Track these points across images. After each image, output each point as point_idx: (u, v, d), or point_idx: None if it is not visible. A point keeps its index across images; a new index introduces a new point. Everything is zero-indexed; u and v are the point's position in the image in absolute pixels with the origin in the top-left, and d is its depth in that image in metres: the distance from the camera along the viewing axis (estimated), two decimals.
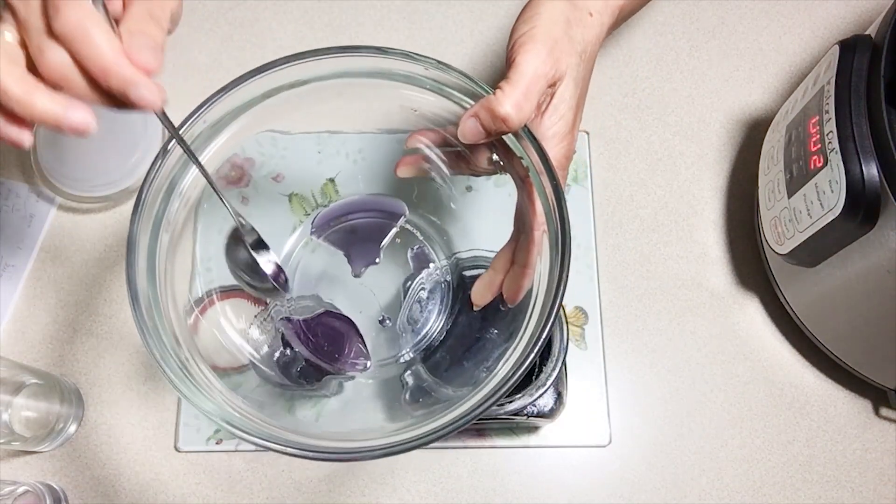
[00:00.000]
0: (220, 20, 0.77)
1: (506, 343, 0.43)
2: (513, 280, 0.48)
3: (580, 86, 0.46)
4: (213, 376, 0.45)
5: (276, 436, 0.40)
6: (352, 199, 0.57)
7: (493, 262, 0.49)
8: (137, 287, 0.42)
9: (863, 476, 0.64)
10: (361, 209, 0.56)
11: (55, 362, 0.67)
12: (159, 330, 0.43)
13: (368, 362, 0.53)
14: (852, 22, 0.78)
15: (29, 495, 0.60)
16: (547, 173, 0.42)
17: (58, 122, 0.36)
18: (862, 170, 0.48)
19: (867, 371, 0.62)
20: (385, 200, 0.55)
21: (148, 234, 0.45)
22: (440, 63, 0.44)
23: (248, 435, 0.40)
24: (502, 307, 0.47)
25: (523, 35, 0.43)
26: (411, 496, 0.63)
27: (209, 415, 0.41)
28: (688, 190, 0.72)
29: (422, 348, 0.53)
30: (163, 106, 0.37)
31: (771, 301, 0.68)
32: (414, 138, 0.50)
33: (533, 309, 0.43)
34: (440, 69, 0.44)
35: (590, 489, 0.63)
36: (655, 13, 0.79)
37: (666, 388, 0.66)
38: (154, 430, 0.65)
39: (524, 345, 0.41)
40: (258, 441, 0.40)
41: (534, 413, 0.56)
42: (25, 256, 0.70)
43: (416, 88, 0.46)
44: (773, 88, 0.76)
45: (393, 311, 0.55)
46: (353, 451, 0.39)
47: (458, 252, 0.55)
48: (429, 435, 0.39)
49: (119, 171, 0.69)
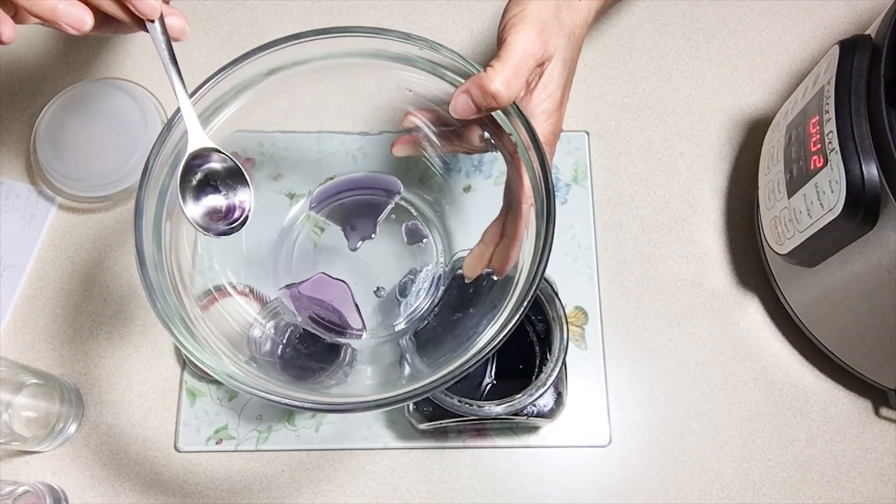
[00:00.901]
0: (220, 20, 0.77)
1: (492, 312, 0.45)
2: (502, 251, 0.49)
3: (568, 66, 0.47)
4: (215, 338, 0.46)
5: (275, 390, 0.42)
6: (350, 176, 0.58)
7: (483, 236, 0.51)
8: (144, 250, 0.44)
9: (863, 476, 0.64)
10: (359, 186, 0.58)
11: (55, 362, 0.67)
12: (164, 292, 0.44)
13: (364, 331, 0.54)
14: (852, 22, 0.78)
15: (29, 495, 0.60)
16: (534, 148, 0.43)
17: (56, 20, 0.38)
18: (862, 170, 0.48)
19: (867, 371, 0.62)
20: (382, 178, 0.57)
21: (154, 200, 0.46)
22: (433, 43, 0.46)
23: (250, 388, 0.42)
24: (494, 277, 0.49)
25: (514, 16, 0.45)
26: (411, 496, 0.63)
27: (213, 371, 0.43)
28: (688, 190, 0.72)
29: (416, 318, 0.54)
30: (158, 17, 0.40)
31: (771, 301, 0.68)
32: (409, 117, 0.52)
33: (519, 278, 0.45)
34: (433, 49, 0.46)
35: (590, 489, 0.63)
36: (655, 13, 0.79)
37: (666, 388, 0.66)
38: (154, 430, 0.65)
39: (510, 310, 0.42)
40: (261, 394, 0.41)
41: (534, 413, 0.56)
42: (25, 256, 0.70)
43: (411, 69, 0.48)
44: (773, 88, 0.76)
45: (388, 283, 0.57)
46: (346, 405, 0.42)
47: (456, 252, 0.56)
48: (417, 391, 0.41)
49: (119, 171, 0.69)
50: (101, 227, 0.71)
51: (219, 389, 0.66)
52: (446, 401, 0.52)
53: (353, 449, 0.64)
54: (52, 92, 0.75)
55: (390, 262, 0.58)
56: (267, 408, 0.65)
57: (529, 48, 0.44)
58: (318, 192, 0.58)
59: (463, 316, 0.53)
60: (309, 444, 0.64)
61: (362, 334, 0.54)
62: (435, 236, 0.58)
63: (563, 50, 0.46)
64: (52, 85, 0.76)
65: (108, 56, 0.77)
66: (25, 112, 0.75)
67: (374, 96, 0.68)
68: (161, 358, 0.67)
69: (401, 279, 0.55)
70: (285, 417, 0.65)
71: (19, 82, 0.76)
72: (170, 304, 0.44)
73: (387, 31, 0.46)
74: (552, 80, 0.46)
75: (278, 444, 0.64)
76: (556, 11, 0.46)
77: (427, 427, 0.58)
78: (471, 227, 0.70)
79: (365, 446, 0.64)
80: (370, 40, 0.48)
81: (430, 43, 0.46)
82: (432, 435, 0.64)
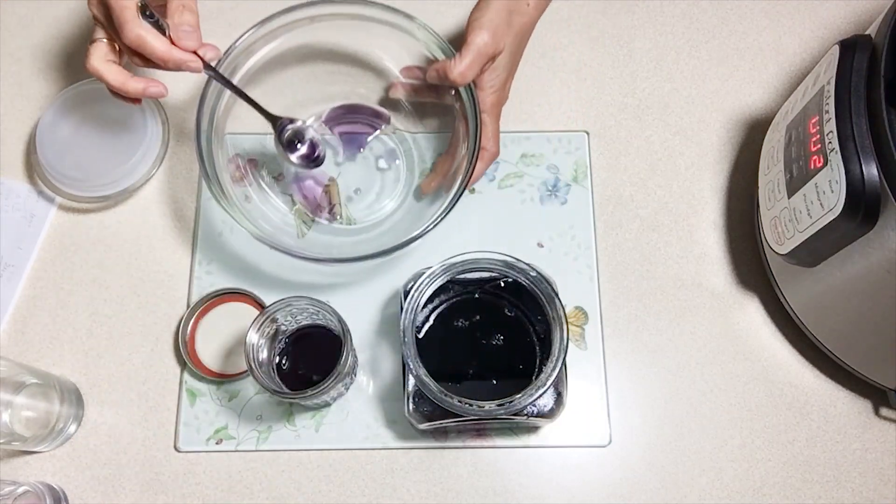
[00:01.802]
0: (221, 20, 0.77)
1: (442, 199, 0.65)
2: (446, 171, 0.69)
3: (514, 56, 0.66)
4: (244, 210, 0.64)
5: (289, 244, 0.62)
6: (354, 102, 0.74)
7: (435, 167, 0.71)
8: (201, 125, 0.63)
9: (863, 476, 0.64)
10: (359, 112, 0.74)
11: (55, 362, 0.67)
12: (214, 160, 0.63)
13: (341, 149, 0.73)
14: (852, 22, 0.78)
15: (29, 495, 0.60)
16: (474, 106, 0.63)
17: (144, 95, 0.60)
18: (862, 170, 0.48)
19: (867, 371, 0.62)
20: (378, 108, 0.73)
21: (215, 94, 0.65)
22: (427, 27, 0.65)
23: (268, 240, 0.60)
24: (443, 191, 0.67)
25: (476, 21, 0.61)
26: (411, 496, 0.63)
27: (241, 222, 0.61)
28: (688, 190, 0.72)
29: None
30: (203, 68, 0.59)
31: (771, 301, 0.68)
32: (396, 87, 0.72)
33: (456, 184, 0.63)
34: (426, 30, 0.65)
35: (590, 489, 0.63)
36: (655, 13, 0.79)
37: (666, 388, 0.66)
38: (154, 430, 0.65)
39: (451, 197, 0.61)
40: (279, 247, 0.60)
41: (534, 413, 0.56)
42: (25, 256, 0.70)
43: (403, 37, 0.67)
44: (773, 88, 0.76)
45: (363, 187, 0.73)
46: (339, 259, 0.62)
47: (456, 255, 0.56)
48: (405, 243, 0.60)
49: (119, 171, 0.69)
50: (101, 227, 0.71)
51: (219, 389, 0.66)
52: (446, 401, 0.52)
53: (353, 449, 0.64)
54: (52, 92, 0.75)
55: (367, 176, 0.73)
56: (267, 408, 0.65)
57: (483, 49, 0.60)
58: (329, 112, 0.73)
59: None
60: (309, 444, 0.64)
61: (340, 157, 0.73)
62: (405, 163, 0.73)
63: (510, 45, 0.63)
64: (52, 85, 0.76)
65: None
66: (25, 112, 0.75)
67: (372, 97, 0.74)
68: (161, 358, 0.67)
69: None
70: (285, 417, 0.65)
71: (19, 82, 0.76)
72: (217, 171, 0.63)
73: (397, 11, 0.66)
74: (501, 65, 0.64)
75: (278, 444, 0.64)
76: (508, 17, 0.62)
77: (427, 427, 0.58)
78: (470, 221, 0.70)
79: (365, 446, 0.64)
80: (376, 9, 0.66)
81: (423, 24, 0.65)
82: (432, 435, 0.64)
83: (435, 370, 0.53)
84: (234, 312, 0.67)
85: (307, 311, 0.61)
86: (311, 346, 0.63)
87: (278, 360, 0.62)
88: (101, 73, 0.58)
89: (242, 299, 0.67)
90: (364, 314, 0.67)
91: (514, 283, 0.56)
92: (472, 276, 0.57)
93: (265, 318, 0.57)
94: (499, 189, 0.72)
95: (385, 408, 0.65)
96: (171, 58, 0.57)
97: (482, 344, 0.58)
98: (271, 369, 0.60)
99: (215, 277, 0.69)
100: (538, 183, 0.72)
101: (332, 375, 0.56)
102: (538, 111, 0.75)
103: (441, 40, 0.64)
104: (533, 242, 0.70)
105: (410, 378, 0.56)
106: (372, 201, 0.71)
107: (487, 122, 0.65)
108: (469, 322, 0.59)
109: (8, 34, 0.78)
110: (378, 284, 0.69)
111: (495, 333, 0.59)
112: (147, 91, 0.59)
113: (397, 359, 0.66)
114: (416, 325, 0.56)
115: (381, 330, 0.67)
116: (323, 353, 0.61)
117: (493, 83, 0.64)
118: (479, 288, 0.59)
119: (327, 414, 0.65)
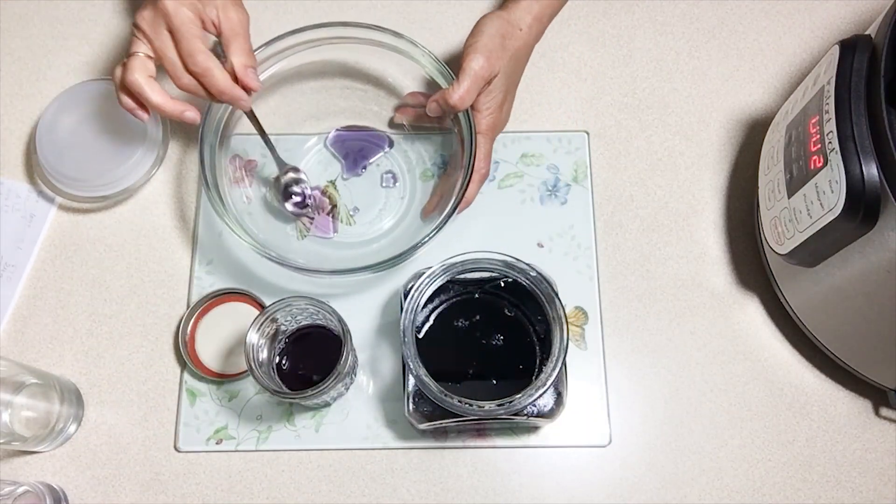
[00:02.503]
0: None
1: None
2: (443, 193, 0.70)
3: (510, 78, 0.67)
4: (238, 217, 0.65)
5: (284, 256, 0.62)
6: (358, 123, 0.75)
7: (435, 189, 0.72)
8: (205, 138, 0.64)
9: (863, 476, 0.64)
10: (361, 138, 0.75)
11: (55, 362, 0.67)
12: (215, 167, 0.65)
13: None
14: (852, 22, 0.78)
15: (29, 495, 0.60)
16: (470, 129, 0.64)
17: (179, 119, 0.61)
18: (862, 170, 0.48)
19: (867, 371, 0.62)
20: (380, 134, 0.75)
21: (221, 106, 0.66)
22: (432, 54, 0.67)
23: (263, 251, 0.61)
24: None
25: (471, 46, 0.63)
26: (411, 496, 0.63)
27: (242, 237, 0.62)
28: (688, 190, 0.72)
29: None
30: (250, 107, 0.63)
31: (771, 301, 0.68)
32: (400, 113, 0.74)
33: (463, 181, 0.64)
34: (431, 56, 0.67)
35: (590, 489, 0.63)
36: (655, 13, 0.79)
37: (666, 388, 0.66)
38: (154, 430, 0.65)
39: (451, 203, 0.63)
40: (270, 255, 0.61)
41: (534, 413, 0.56)
42: (25, 256, 0.70)
43: (407, 60, 0.69)
44: (773, 88, 0.76)
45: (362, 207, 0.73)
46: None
47: (456, 255, 0.56)
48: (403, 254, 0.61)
49: (119, 171, 0.69)
50: (101, 227, 0.71)
51: (219, 389, 0.66)
52: (446, 401, 0.52)
53: (353, 449, 0.64)
54: (52, 92, 0.75)
55: (368, 193, 0.74)
56: (267, 408, 0.65)
57: (479, 73, 0.62)
58: (334, 134, 0.75)
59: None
60: (309, 444, 0.64)
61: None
62: (405, 183, 0.74)
63: (506, 67, 0.65)
64: (52, 85, 0.76)
65: (109, 56, 0.77)
66: (25, 112, 0.75)
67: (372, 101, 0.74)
68: (161, 358, 0.67)
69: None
70: (285, 417, 0.65)
71: (19, 82, 0.76)
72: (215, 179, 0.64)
73: (401, 34, 0.67)
74: (496, 87, 0.65)
75: (278, 444, 0.64)
76: (503, 42, 0.64)
77: (427, 427, 0.58)
78: (470, 221, 0.70)
79: (365, 446, 0.64)
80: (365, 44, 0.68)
81: (426, 50, 0.67)
82: (432, 435, 0.64)
83: (435, 370, 0.53)
84: (234, 312, 0.67)
85: (307, 311, 0.61)
86: (311, 346, 0.63)
87: (278, 360, 0.62)
88: (142, 88, 0.59)
89: (242, 299, 0.67)
90: (364, 314, 0.67)
91: (514, 283, 0.56)
92: (472, 276, 0.57)
93: (265, 318, 0.57)
94: (499, 189, 0.72)
95: (385, 408, 0.65)
96: (231, 93, 0.59)
97: (482, 344, 0.58)
98: (271, 369, 0.60)
99: (215, 277, 0.69)
100: (538, 183, 0.72)
101: (332, 375, 0.56)
102: (538, 111, 0.75)
103: (443, 66, 0.66)
104: (533, 242, 0.70)
105: (410, 378, 0.56)
106: (373, 218, 0.72)
107: (482, 142, 0.65)
108: (469, 322, 0.59)
109: (8, 34, 0.78)
110: (378, 285, 0.69)
111: (495, 333, 0.59)
112: (184, 115, 0.60)
113: (397, 359, 0.66)
114: (417, 325, 0.56)
115: (381, 330, 0.67)
116: (323, 353, 0.61)
117: (489, 105, 0.65)
118: (479, 288, 0.59)
119: (327, 414, 0.65)
